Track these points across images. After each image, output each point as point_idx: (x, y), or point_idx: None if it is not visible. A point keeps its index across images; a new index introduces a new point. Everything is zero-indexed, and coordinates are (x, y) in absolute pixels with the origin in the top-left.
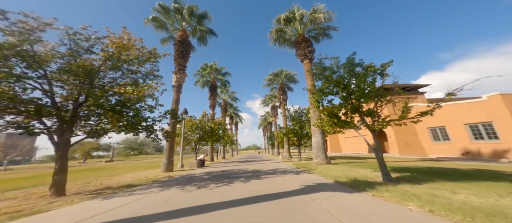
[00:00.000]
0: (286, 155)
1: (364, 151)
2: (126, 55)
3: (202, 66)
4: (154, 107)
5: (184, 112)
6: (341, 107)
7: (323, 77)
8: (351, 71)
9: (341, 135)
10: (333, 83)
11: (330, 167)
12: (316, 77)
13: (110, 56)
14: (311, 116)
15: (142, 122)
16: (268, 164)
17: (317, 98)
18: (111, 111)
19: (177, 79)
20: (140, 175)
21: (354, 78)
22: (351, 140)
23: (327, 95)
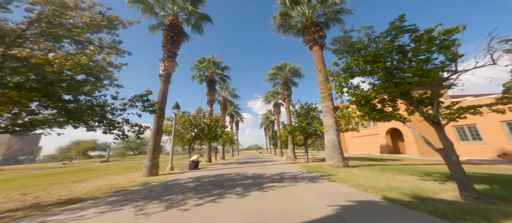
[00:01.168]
0: (290, 156)
1: (374, 151)
2: (64, 16)
3: (199, 59)
4: (107, 85)
5: (176, 106)
6: (382, 90)
7: (351, 52)
8: (393, 42)
9: (348, 134)
10: (368, 58)
11: (352, 171)
12: (338, 54)
13: (38, 17)
14: (324, 110)
15: (88, 109)
16: (272, 167)
17: (339, 81)
18: (19, 88)
19: (165, 67)
20: (112, 181)
21: (399, 53)
22: (358, 139)
23: (355, 76)
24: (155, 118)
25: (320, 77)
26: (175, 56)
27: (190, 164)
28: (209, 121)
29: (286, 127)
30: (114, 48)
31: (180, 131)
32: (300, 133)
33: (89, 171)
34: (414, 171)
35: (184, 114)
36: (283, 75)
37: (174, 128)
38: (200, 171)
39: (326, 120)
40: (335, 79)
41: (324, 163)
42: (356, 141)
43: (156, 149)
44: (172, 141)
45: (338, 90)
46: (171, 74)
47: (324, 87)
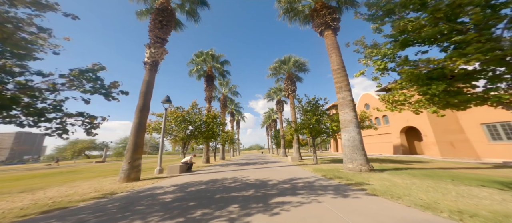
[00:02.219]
0: (296, 156)
1: (386, 151)
2: None
3: (196, 53)
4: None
5: (166, 100)
6: (480, 55)
7: (406, 6)
8: None
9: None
10: (440, 13)
11: (386, 178)
12: (377, 20)
13: None
14: (341, 103)
15: None
16: (277, 169)
17: (383, 54)
18: None
19: (152, 54)
20: (69, 191)
21: None
22: (367, 139)
23: (412, 42)
24: (136, 111)
25: (335, 64)
26: (164, 42)
27: (181, 167)
28: (205, 117)
29: (291, 124)
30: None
31: (173, 129)
32: (309, 131)
33: (68, 174)
34: (473, 179)
35: (177, 110)
36: (287, 69)
37: (164, 125)
38: (192, 174)
39: (343, 115)
40: (376, 52)
41: (339, 165)
42: (365, 141)
43: (137, 149)
44: (161, 140)
45: (380, 67)
46: (159, 63)
47: (340, 75)
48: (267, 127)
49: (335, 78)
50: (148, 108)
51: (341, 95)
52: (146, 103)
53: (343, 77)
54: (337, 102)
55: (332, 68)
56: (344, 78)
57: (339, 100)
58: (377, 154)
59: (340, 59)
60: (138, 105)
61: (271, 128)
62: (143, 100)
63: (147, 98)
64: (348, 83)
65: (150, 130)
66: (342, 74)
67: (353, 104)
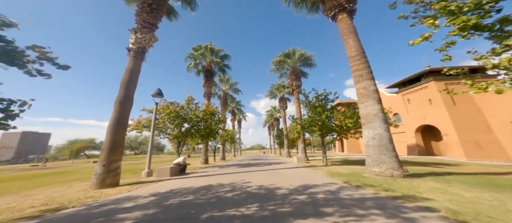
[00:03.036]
0: (302, 157)
1: (398, 152)
2: None
3: (195, 46)
4: None
5: (157, 94)
6: None
7: None
8: None
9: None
10: None
11: (446, 190)
12: None
13: None
14: (361, 94)
15: None
16: (284, 172)
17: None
18: None
19: (137, 39)
20: (29, 198)
21: None
22: None
23: None
24: (116, 104)
25: (353, 50)
26: (153, 28)
27: (172, 169)
28: (202, 113)
29: (298, 121)
30: None
31: (167, 126)
32: (320, 128)
33: (51, 176)
34: None
35: (169, 105)
36: (292, 64)
37: (154, 122)
38: (184, 178)
39: (365, 108)
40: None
41: (358, 168)
42: None
43: (116, 148)
44: (151, 139)
45: (467, 22)
46: (147, 50)
47: (360, 62)
48: (269, 127)
49: (353, 66)
50: (131, 101)
51: (362, 85)
52: (128, 95)
53: (363, 64)
54: (358, 93)
55: (349, 55)
56: (365, 65)
57: (359, 90)
58: None
59: (359, 44)
60: (118, 97)
61: (273, 127)
62: (125, 91)
63: (130, 89)
64: (370, 71)
65: (139, 127)
66: (362, 60)
67: (378, 95)
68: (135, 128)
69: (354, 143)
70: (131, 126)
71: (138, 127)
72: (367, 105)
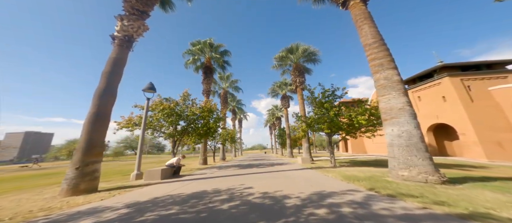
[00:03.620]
0: (307, 158)
1: None
2: None
3: (193, 42)
4: None
5: (149, 88)
6: None
7: None
8: None
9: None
10: None
11: None
12: None
13: None
14: (381, 85)
15: None
16: (289, 175)
17: None
18: None
19: (124, 27)
20: None
21: None
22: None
23: None
24: (95, 97)
25: (369, 37)
26: (143, 16)
27: (164, 171)
28: (199, 110)
29: (302, 119)
30: None
31: (161, 124)
32: (329, 125)
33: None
34: None
35: (162, 101)
36: (295, 59)
37: (145, 119)
38: (176, 181)
39: (387, 101)
40: None
41: (375, 170)
42: (377, 140)
43: (93, 148)
44: (141, 137)
45: None
46: (135, 39)
47: (379, 50)
48: (271, 126)
49: (371, 54)
50: (113, 94)
51: (383, 75)
52: (110, 87)
53: (383, 51)
54: (377, 85)
55: (365, 43)
56: (385, 53)
57: (379, 81)
58: None
59: (376, 30)
60: (97, 89)
61: (275, 126)
62: (106, 82)
63: (113, 80)
64: (392, 59)
65: (130, 124)
66: (381, 48)
67: (403, 86)
68: (125, 126)
69: (358, 143)
70: (121, 124)
71: (129, 125)
72: (390, 98)
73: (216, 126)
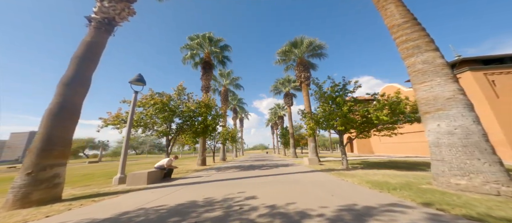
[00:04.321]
0: (314, 158)
1: (420, 153)
2: None
3: (191, 36)
4: None
5: (136, 80)
6: None
7: None
8: None
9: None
10: None
11: None
12: None
13: None
14: (420, 71)
15: None
16: (298, 179)
17: None
18: None
19: (104, 8)
20: None
21: None
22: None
23: None
24: (59, 85)
25: (397, 18)
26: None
27: (151, 174)
28: (195, 105)
29: (310, 115)
30: None
31: (154, 121)
32: (342, 123)
33: None
34: None
35: (153, 95)
36: (299, 54)
37: (131, 115)
38: (163, 188)
39: (428, 90)
40: None
41: (404, 174)
42: (385, 140)
43: (52, 147)
44: (127, 135)
45: None
46: (118, 23)
47: (412, 30)
48: (272, 126)
49: (401, 36)
50: (84, 83)
51: (420, 58)
52: (81, 75)
53: (417, 31)
54: (411, 71)
55: (392, 24)
56: (421, 33)
57: (415, 66)
58: (411, 156)
59: (405, 8)
60: (64, 76)
61: (277, 126)
62: (76, 68)
63: (85, 67)
64: (431, 40)
65: (117, 122)
66: (415, 27)
67: (450, 70)
68: (112, 124)
69: (365, 143)
70: (107, 121)
71: (116, 122)
72: (434, 85)
73: (215, 123)
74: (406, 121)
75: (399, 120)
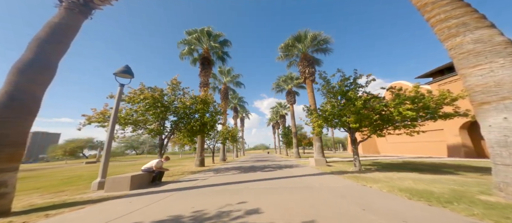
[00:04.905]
0: (321, 159)
1: (433, 153)
2: None
3: (189, 30)
4: None
5: (123, 72)
6: None
7: None
8: None
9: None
10: None
11: None
12: None
13: None
14: (469, 51)
15: None
16: (310, 184)
17: None
18: None
19: None
20: None
21: None
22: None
23: None
24: (11, 71)
25: None
26: None
27: (135, 178)
28: (191, 101)
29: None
30: None
31: (146, 117)
32: (356, 118)
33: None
34: None
35: (144, 89)
36: (303, 48)
37: (115, 111)
38: (143, 196)
39: (485, 74)
40: None
41: (445, 180)
42: (391, 139)
43: None
44: (109, 134)
45: None
46: (96, 6)
47: (452, 7)
48: (274, 125)
49: (438, 14)
50: (46, 71)
51: (469, 38)
52: (42, 60)
53: (460, 7)
54: (455, 54)
55: (425, 2)
56: (466, 8)
57: (464, 47)
58: (424, 157)
59: None
60: (19, 60)
61: (278, 125)
62: (35, 52)
63: (48, 51)
64: (482, 15)
65: (102, 119)
66: (457, 3)
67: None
68: (97, 121)
69: (370, 143)
70: (91, 118)
71: (100, 119)
72: (495, 68)
73: (213, 121)
74: (428, 118)
75: (420, 117)
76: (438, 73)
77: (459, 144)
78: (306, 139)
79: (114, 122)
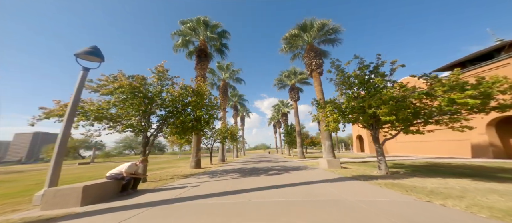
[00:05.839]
0: (334, 160)
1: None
2: None
3: (183, 20)
4: None
5: (88, 53)
6: None
7: None
8: None
9: (387, 131)
10: None
11: None
12: None
13: None
14: None
15: None
16: (340, 198)
17: None
18: None
19: None
20: None
21: None
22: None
23: None
24: None
25: None
26: None
27: (88, 190)
28: (179, 91)
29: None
30: None
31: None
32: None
33: None
34: None
35: (122, 76)
36: (308, 39)
37: (74, 101)
38: (97, 217)
39: None
40: None
41: None
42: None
43: None
44: (61, 132)
45: None
46: None
47: None
48: (275, 124)
49: None
50: None
51: None
52: None
53: None
54: None
55: None
56: None
57: None
58: (444, 157)
59: None
60: None
61: (280, 124)
62: None
63: None
64: None
65: (63, 112)
66: None
67: None
68: (57, 115)
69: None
70: (51, 112)
71: (62, 112)
72: None
73: (209, 116)
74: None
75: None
76: (459, 66)
77: (486, 143)
78: (309, 139)
79: (72, 116)
